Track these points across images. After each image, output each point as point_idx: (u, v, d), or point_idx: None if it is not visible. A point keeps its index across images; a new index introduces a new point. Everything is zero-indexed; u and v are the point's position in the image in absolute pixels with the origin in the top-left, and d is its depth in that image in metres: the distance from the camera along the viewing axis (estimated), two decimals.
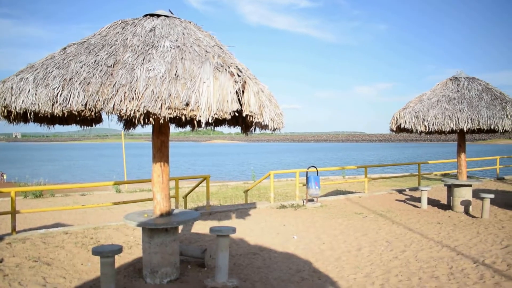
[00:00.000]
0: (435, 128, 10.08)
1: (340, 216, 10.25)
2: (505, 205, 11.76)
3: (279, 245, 7.67)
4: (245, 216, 10.28)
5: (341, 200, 12.84)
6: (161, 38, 5.03)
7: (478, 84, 10.80)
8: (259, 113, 4.39)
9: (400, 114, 10.57)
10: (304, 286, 5.62)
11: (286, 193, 16.84)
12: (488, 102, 10.12)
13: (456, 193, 10.80)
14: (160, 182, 5.68)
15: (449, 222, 9.56)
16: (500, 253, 7.01)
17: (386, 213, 10.62)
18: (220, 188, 19.64)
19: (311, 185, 11.42)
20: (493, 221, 9.68)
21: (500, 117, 9.79)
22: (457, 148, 11.08)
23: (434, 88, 11.18)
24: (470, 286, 5.54)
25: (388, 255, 6.99)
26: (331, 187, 18.08)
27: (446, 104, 10.24)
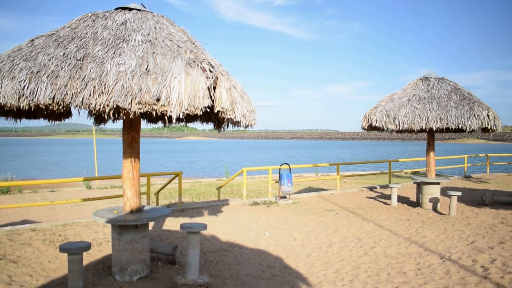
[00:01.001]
0: (406, 127, 10.28)
1: (312, 213, 10.35)
2: (471, 202, 12.09)
3: (250, 242, 7.68)
4: (217, 213, 10.25)
5: (313, 197, 12.95)
6: (133, 32, 4.95)
7: (447, 84, 11.06)
8: (230, 109, 4.39)
9: (372, 113, 10.72)
10: (274, 282, 5.65)
11: (259, 190, 16.88)
12: (456, 102, 10.37)
13: (425, 190, 11.04)
14: (130, 178, 5.60)
15: (418, 219, 9.76)
16: (466, 249, 7.20)
17: (357, 210, 10.77)
18: (193, 185, 19.54)
19: (283, 182, 11.48)
20: (460, 218, 9.93)
21: (467, 117, 10.05)
22: (427, 147, 11.32)
23: (405, 87, 11.38)
24: (436, 281, 5.67)
25: (358, 251, 7.09)
26: (304, 184, 18.22)
27: (416, 104, 10.44)
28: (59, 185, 18.81)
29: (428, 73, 11.52)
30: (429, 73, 11.48)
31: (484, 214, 10.39)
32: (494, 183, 17.13)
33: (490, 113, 10.13)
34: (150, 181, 10.67)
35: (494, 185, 16.56)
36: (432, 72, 11.50)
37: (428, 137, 11.24)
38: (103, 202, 12.78)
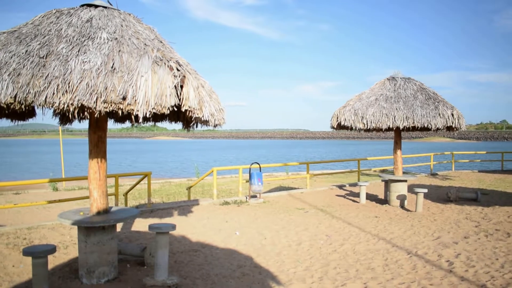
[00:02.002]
0: (373, 126, 10.45)
1: (282, 212, 10.40)
2: (437, 199, 12.41)
3: (221, 242, 7.66)
4: (187, 213, 10.18)
5: (284, 196, 13.02)
6: (98, 29, 4.85)
7: (413, 84, 11.30)
8: (198, 108, 4.35)
9: (340, 112, 10.86)
10: (245, 281, 5.65)
11: (230, 190, 16.83)
12: (422, 102, 10.61)
13: (392, 188, 11.26)
14: (97, 178, 5.49)
15: (386, 216, 9.95)
16: (432, 244, 7.38)
17: (327, 208, 10.89)
18: (163, 185, 19.31)
19: (254, 181, 11.49)
20: (426, 214, 10.17)
21: (433, 115, 10.29)
22: (394, 145, 11.54)
23: (372, 87, 11.57)
24: (403, 276, 5.79)
25: (327, 248, 7.17)
26: (275, 183, 18.28)
27: (383, 103, 10.63)
28: (24, 187, 18.25)
29: (395, 73, 11.74)
30: (395, 73, 11.71)
31: (449, 210, 10.68)
32: (459, 180, 17.63)
33: (454, 112, 10.40)
34: (119, 182, 10.49)
35: (458, 182, 17.05)
36: (398, 72, 11.72)
37: (395, 135, 11.46)
38: (71, 204, 12.48)
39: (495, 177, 19.05)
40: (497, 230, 8.47)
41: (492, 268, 6.10)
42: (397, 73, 11.71)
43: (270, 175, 20.92)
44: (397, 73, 11.71)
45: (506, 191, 14.28)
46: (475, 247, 7.22)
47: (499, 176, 19.25)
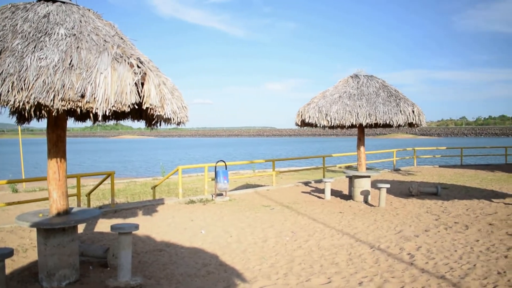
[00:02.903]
0: (337, 123, 10.60)
1: (248, 209, 10.42)
2: (400, 193, 12.71)
3: (186, 241, 7.60)
4: (152, 213, 10.05)
5: (250, 193, 13.05)
6: (56, 25, 4.71)
7: (376, 81, 11.52)
8: (160, 106, 4.30)
9: (305, 109, 10.96)
10: (210, 279, 5.62)
11: (196, 188, 16.73)
12: (384, 99, 10.83)
13: (356, 184, 11.45)
14: (56, 179, 5.35)
15: (350, 211, 10.12)
16: (394, 238, 7.56)
17: (292, 205, 10.97)
18: (128, 185, 18.99)
19: (219, 179, 11.46)
20: (389, 209, 10.40)
21: (394, 112, 10.53)
22: (357, 142, 11.74)
23: (336, 84, 11.72)
24: (366, 270, 5.90)
25: (292, 245, 7.23)
26: (241, 181, 18.29)
27: (347, 100, 10.79)
28: None
29: (358, 71, 11.94)
30: (359, 71, 11.91)
31: (411, 204, 10.96)
32: (421, 175, 18.11)
33: (415, 109, 10.67)
34: (82, 182, 10.25)
35: (420, 177, 17.52)
36: (361, 70, 11.93)
37: (359, 132, 11.66)
38: (31, 205, 12.10)
39: (455, 171, 19.68)
40: (456, 223, 8.76)
41: (451, 259, 6.30)
42: (360, 71, 11.91)
43: (237, 173, 20.94)
44: (360, 71, 11.91)
45: (465, 185, 14.77)
46: (435, 239, 7.43)
47: (458, 171, 19.90)
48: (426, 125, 11.40)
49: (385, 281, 5.42)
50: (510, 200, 11.45)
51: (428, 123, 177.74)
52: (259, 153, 53.35)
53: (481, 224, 8.62)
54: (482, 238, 7.48)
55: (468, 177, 17.34)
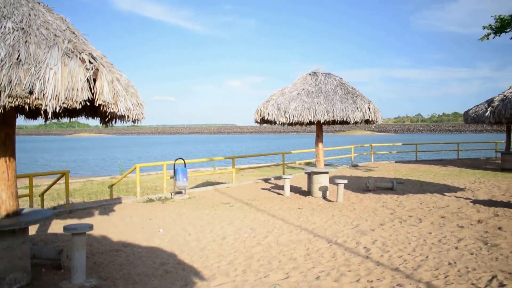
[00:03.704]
0: (296, 120, 10.70)
1: (208, 207, 10.37)
2: (357, 189, 12.98)
3: (144, 240, 7.48)
4: (109, 212, 9.84)
5: (209, 191, 12.99)
6: (3, 18, 4.50)
7: (333, 79, 11.70)
8: (113, 102, 4.19)
9: (264, 107, 11.00)
10: (167, 279, 5.56)
11: (155, 187, 16.50)
12: (341, 96, 11.02)
13: (314, 180, 11.61)
14: (5, 179, 5.12)
15: (309, 207, 10.24)
16: (351, 232, 7.71)
17: (252, 202, 11.01)
18: (84, 184, 18.50)
19: (178, 177, 11.35)
20: (347, 204, 10.60)
21: (351, 109, 10.73)
22: (316, 139, 11.89)
23: (295, 82, 11.83)
24: (323, 264, 5.99)
25: (251, 241, 7.24)
26: (201, 178, 18.18)
27: (305, 97, 10.91)
28: None
29: (316, 68, 12.09)
30: (317, 69, 12.06)
31: (368, 199, 11.21)
32: (378, 171, 18.57)
33: (371, 106, 10.91)
34: (34, 182, 9.90)
35: (377, 172, 17.95)
36: (319, 68, 12.10)
37: (317, 129, 11.80)
38: None
39: (410, 167, 20.30)
40: (410, 216, 9.03)
41: (405, 252, 6.49)
42: (318, 68, 12.07)
43: (197, 171, 20.78)
44: (318, 68, 12.07)
45: (419, 179, 15.25)
46: (390, 233, 7.64)
47: (413, 166, 20.54)
48: (382, 122, 11.68)
49: (341, 275, 5.52)
50: (461, 193, 11.91)
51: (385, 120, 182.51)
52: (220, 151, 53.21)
53: (433, 217, 8.92)
54: (434, 231, 7.75)
55: (422, 172, 17.92)
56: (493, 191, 12.34)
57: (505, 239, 7.08)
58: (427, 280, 5.25)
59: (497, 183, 14.06)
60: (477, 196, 11.48)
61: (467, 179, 15.14)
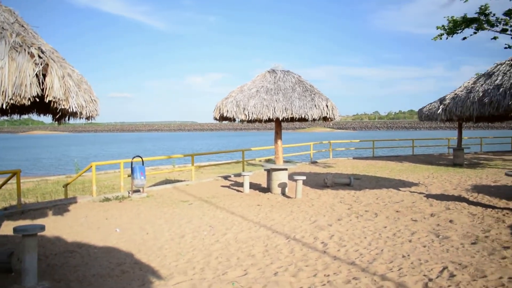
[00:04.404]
0: (254, 117, 10.72)
1: (166, 205, 10.25)
2: (316, 185, 13.15)
3: (100, 240, 7.30)
4: (63, 212, 9.55)
5: (168, 189, 12.84)
6: None
7: (292, 76, 11.78)
8: (64, 99, 4.06)
9: (223, 104, 10.95)
10: (124, 279, 5.45)
11: (113, 185, 16.15)
12: (300, 94, 11.11)
13: (274, 176, 11.68)
14: None
15: (268, 204, 10.30)
16: (309, 228, 7.81)
17: (211, 199, 10.96)
18: (38, 183, 17.88)
19: (136, 175, 11.15)
20: (305, 200, 10.73)
21: (309, 107, 10.84)
22: (275, 136, 11.95)
23: (254, 79, 11.84)
24: (281, 260, 6.04)
25: (210, 239, 7.21)
26: (161, 176, 17.94)
27: (264, 95, 10.93)
28: None
29: (275, 66, 12.13)
30: (276, 66, 12.10)
31: (326, 195, 11.39)
32: (336, 167, 18.89)
33: (329, 103, 11.06)
34: None
35: (335, 168, 18.26)
36: (278, 65, 12.13)
37: (276, 126, 11.87)
38: None
39: (367, 163, 20.76)
40: (366, 211, 9.24)
41: (361, 246, 6.64)
42: (277, 66, 12.11)
43: (156, 169, 20.48)
44: (277, 66, 12.11)
45: (376, 175, 15.64)
46: (347, 227, 7.79)
47: (370, 162, 21.02)
48: (341, 119, 11.92)
49: (299, 270, 5.58)
50: (416, 188, 12.30)
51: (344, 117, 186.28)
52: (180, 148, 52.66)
53: (389, 211, 9.16)
54: (389, 225, 7.96)
55: (379, 168, 18.37)
56: (445, 185, 12.81)
57: (456, 232, 7.37)
58: (382, 273, 5.39)
59: (449, 178, 14.60)
60: (430, 190, 11.89)
61: (421, 174, 15.64)
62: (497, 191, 11.57)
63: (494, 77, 8.67)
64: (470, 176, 14.90)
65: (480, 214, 8.70)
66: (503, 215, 8.60)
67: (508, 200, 10.07)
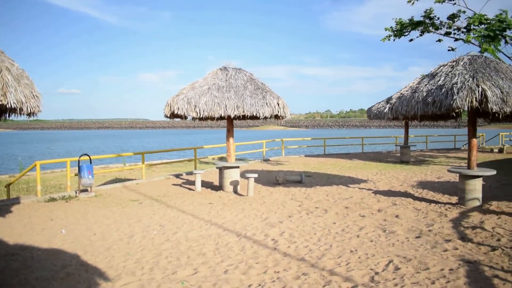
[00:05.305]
0: (206, 115, 10.64)
1: (115, 205, 9.99)
2: (267, 182, 13.24)
3: (44, 242, 7.02)
4: (5, 214, 9.11)
5: (118, 188, 12.53)
6: None
7: (244, 74, 11.78)
8: (2, 94, 3.86)
9: (174, 101, 10.80)
10: (69, 281, 5.26)
11: (60, 185, 15.58)
12: (251, 91, 11.13)
13: (226, 174, 11.66)
14: None
15: (219, 202, 10.26)
16: (260, 225, 7.85)
17: (162, 198, 10.79)
18: None
19: (83, 174, 10.80)
20: (257, 197, 10.77)
21: (261, 105, 10.89)
22: (226, 134, 11.92)
23: (205, 76, 11.74)
24: (232, 258, 6.03)
25: (160, 238, 7.10)
26: (110, 175, 17.46)
27: (215, 92, 10.87)
28: None
29: (227, 63, 12.09)
30: (228, 64, 12.06)
31: (278, 192, 11.49)
32: (288, 165, 19.09)
33: (280, 101, 11.16)
34: None
35: (287, 166, 18.46)
36: (230, 63, 12.11)
37: (228, 124, 11.84)
38: None
39: (319, 160, 21.13)
40: (316, 208, 9.39)
41: (311, 242, 6.75)
42: (229, 63, 12.08)
43: (106, 167, 19.93)
44: (229, 63, 12.08)
45: (327, 172, 15.93)
46: (297, 224, 7.90)
47: (321, 160, 21.41)
48: (294, 118, 12.06)
49: (249, 267, 5.59)
50: (364, 185, 12.63)
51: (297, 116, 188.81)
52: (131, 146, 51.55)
53: (338, 208, 9.36)
54: (338, 221, 8.14)
55: (329, 165, 18.73)
56: (392, 182, 13.25)
57: (401, 226, 7.63)
58: (330, 268, 5.50)
59: (396, 174, 15.11)
60: (378, 187, 12.25)
61: (370, 171, 16.09)
62: (440, 186, 12.09)
63: (437, 77, 9.01)
64: (415, 173, 15.49)
65: (425, 209, 9.06)
66: (446, 209, 9.00)
67: (450, 196, 10.54)
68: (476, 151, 9.39)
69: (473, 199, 9.18)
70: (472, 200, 9.18)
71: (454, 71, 8.84)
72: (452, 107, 8.13)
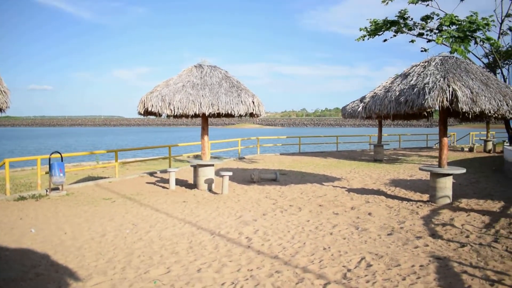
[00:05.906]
0: (180, 112, 10.56)
1: (87, 203, 9.83)
2: (242, 180, 13.24)
3: (12, 242, 6.85)
4: None
5: (90, 186, 12.33)
6: None
7: (219, 72, 11.73)
8: None
9: (147, 98, 10.67)
10: (39, 282, 5.15)
11: (30, 183, 15.20)
12: (226, 89, 11.10)
13: (200, 173, 11.61)
14: None
15: (194, 200, 10.22)
16: (234, 224, 7.84)
17: (135, 196, 10.68)
18: None
19: (54, 172, 10.59)
20: (232, 195, 10.76)
21: (236, 103, 10.87)
22: (201, 132, 11.85)
23: (180, 73, 11.65)
24: (206, 256, 6.01)
25: (132, 237, 7.02)
26: (83, 173, 17.15)
27: (190, 90, 10.80)
28: None
29: (202, 61, 12.01)
30: (203, 61, 11.99)
31: (252, 190, 11.50)
32: (263, 163, 19.13)
33: (255, 100, 11.16)
34: None
35: (262, 164, 18.50)
36: (205, 60, 12.03)
37: (203, 122, 11.78)
38: None
39: (293, 158, 21.25)
40: (291, 205, 9.45)
41: (284, 240, 6.79)
42: (204, 61, 12.01)
43: (78, 165, 19.57)
44: (204, 61, 12.01)
45: (301, 170, 16.04)
46: (272, 222, 7.92)
47: (296, 158, 21.53)
48: (269, 116, 12.08)
49: (223, 266, 5.58)
50: (338, 183, 12.77)
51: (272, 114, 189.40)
52: (104, 144, 50.73)
53: (312, 205, 9.44)
54: (312, 218, 8.20)
55: (304, 163, 18.86)
56: (366, 180, 13.43)
57: (374, 224, 7.75)
58: (304, 265, 5.54)
59: (369, 172, 15.32)
60: (351, 185, 12.40)
61: (344, 170, 16.28)
62: (412, 184, 12.32)
63: (410, 77, 9.18)
64: (388, 171, 15.74)
65: (397, 207, 9.22)
66: (417, 207, 9.18)
67: (422, 193, 10.75)
68: (447, 150, 9.60)
69: (443, 196, 9.39)
70: (443, 198, 9.39)
71: (426, 71, 9.02)
72: (423, 107, 8.29)
